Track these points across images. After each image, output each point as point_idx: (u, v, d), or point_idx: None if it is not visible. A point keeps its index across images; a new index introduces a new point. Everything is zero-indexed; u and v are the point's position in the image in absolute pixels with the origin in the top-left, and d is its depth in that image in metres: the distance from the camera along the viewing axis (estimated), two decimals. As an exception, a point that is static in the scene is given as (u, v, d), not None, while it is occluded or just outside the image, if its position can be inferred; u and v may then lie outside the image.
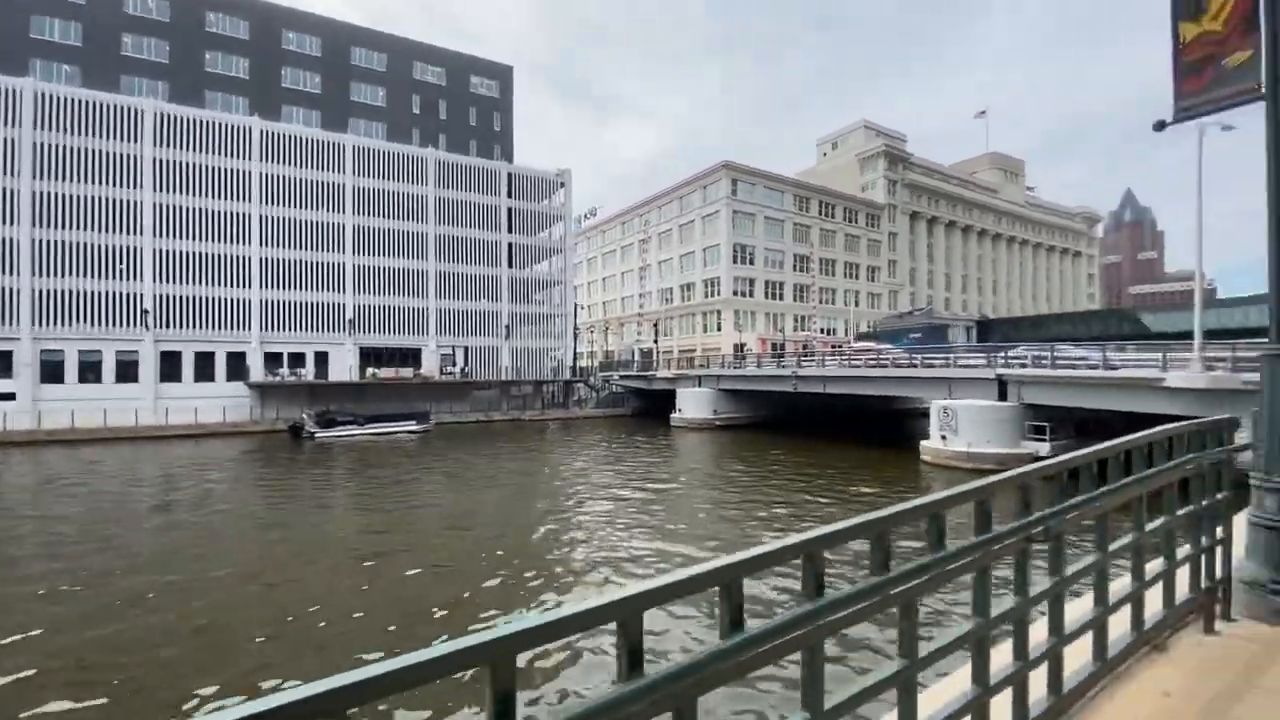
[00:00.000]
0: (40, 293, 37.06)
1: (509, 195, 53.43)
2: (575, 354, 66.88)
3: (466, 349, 50.34)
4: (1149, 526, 2.88)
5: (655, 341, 63.24)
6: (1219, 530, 3.30)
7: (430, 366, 48.00)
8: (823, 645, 1.50)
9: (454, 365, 48.92)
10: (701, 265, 73.76)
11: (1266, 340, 3.44)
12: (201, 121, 42.80)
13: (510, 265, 53.17)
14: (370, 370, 45.12)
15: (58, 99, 38.58)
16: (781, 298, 74.25)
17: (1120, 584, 2.84)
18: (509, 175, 53.71)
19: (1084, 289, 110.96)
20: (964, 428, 24.52)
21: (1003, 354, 27.16)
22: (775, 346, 64.24)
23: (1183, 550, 3.10)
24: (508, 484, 23.36)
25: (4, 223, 36.64)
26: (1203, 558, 3.19)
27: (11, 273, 36.31)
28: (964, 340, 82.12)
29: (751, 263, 72.11)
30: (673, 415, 44.01)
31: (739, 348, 65.79)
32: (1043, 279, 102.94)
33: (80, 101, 39.13)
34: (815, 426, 39.67)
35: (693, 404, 42.95)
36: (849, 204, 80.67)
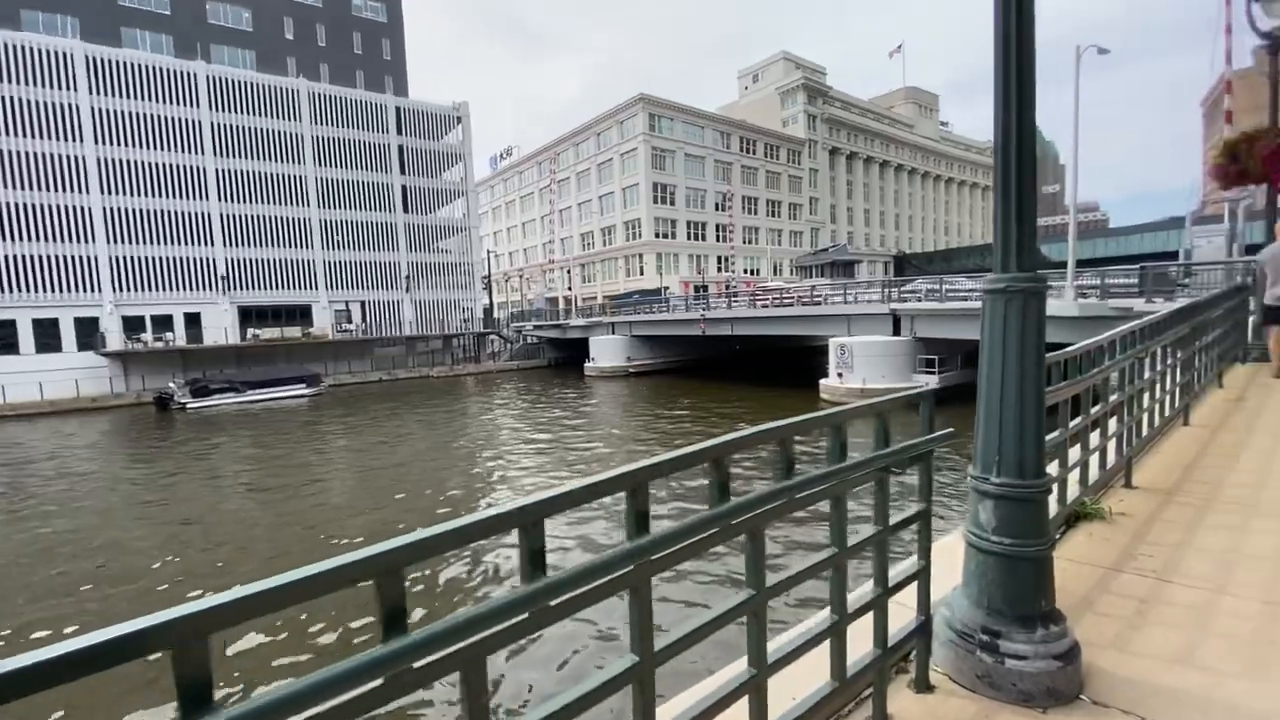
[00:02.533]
0: None
1: (399, 132, 48.67)
2: (493, 305, 63.94)
3: (363, 304, 46.70)
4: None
5: (569, 288, 61.05)
6: None
7: (323, 324, 44.35)
8: (649, 585, 1.39)
9: (350, 322, 45.38)
10: (622, 206, 71.33)
11: (1144, 266, 2.26)
12: (15, 47, 36.13)
13: (407, 210, 49.02)
14: (251, 331, 41.18)
15: None
16: (704, 238, 73.06)
17: None
18: (397, 110, 48.73)
19: (991, 222, 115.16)
20: (859, 364, 24.40)
21: (897, 289, 26.98)
22: (698, 289, 63.48)
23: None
24: (402, 445, 21.67)
25: None
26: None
27: None
28: (882, 275, 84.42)
29: (673, 203, 70.21)
30: (586, 365, 42.75)
31: (660, 291, 64.77)
32: (955, 213, 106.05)
33: None
34: (729, 369, 39.45)
35: (606, 352, 41.74)
36: (770, 139, 79.27)
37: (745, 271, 74.85)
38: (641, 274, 69.64)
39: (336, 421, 28.73)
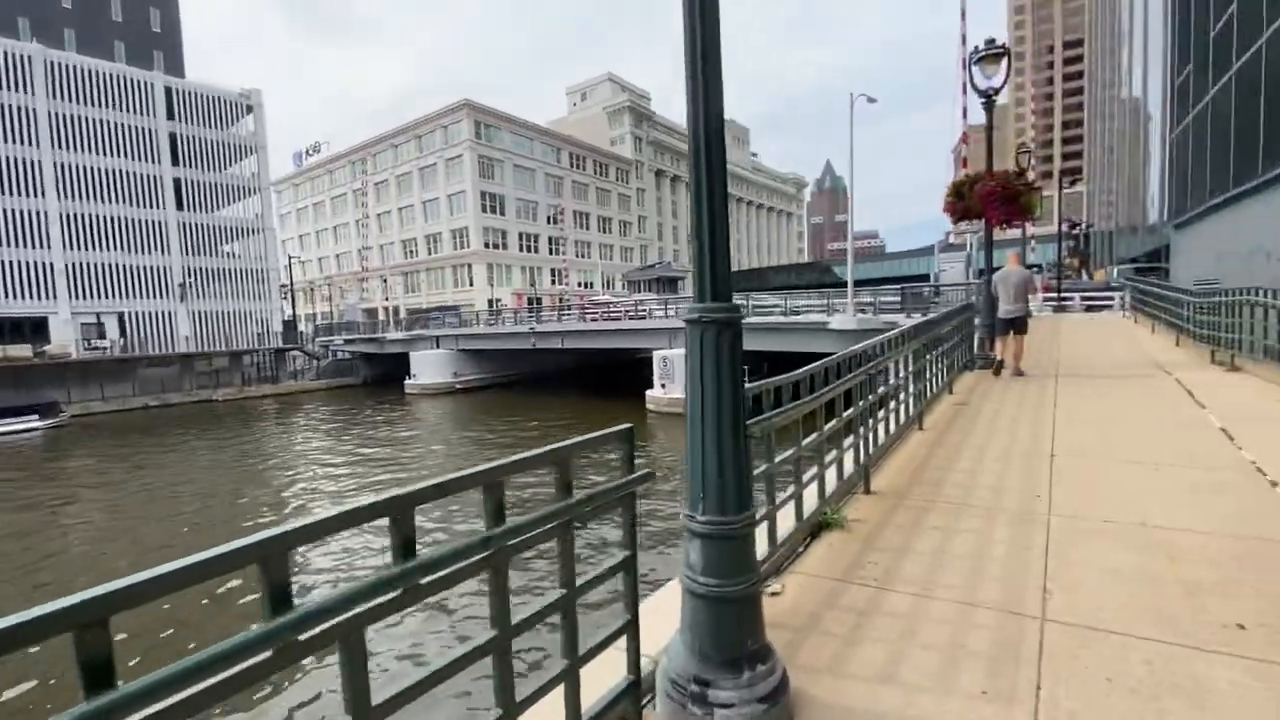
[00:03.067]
0: None
1: (170, 117, 41.45)
2: (297, 316, 57.01)
3: (121, 316, 38.82)
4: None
5: (386, 298, 56.83)
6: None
7: (65, 340, 36.04)
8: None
9: (103, 337, 37.43)
10: (448, 214, 68.15)
11: (903, 287, 2.13)
12: None
13: (181, 207, 41.81)
14: (-47, 350, 32.16)
15: None
16: (537, 250, 72.34)
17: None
18: (168, 90, 41.47)
19: (795, 244, 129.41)
20: (680, 375, 25.49)
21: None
22: (531, 301, 62.58)
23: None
24: (163, 490, 18.04)
25: None
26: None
27: None
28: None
29: (503, 213, 68.62)
30: (407, 382, 39.77)
31: (492, 303, 62.74)
32: (764, 234, 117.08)
33: None
34: (562, 382, 39.18)
35: (429, 367, 39.20)
36: (600, 157, 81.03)
37: (579, 285, 75.43)
38: (471, 285, 67.04)
39: (79, 461, 23.49)
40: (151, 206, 40.58)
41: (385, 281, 62.11)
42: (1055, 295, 22.72)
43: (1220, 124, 12.42)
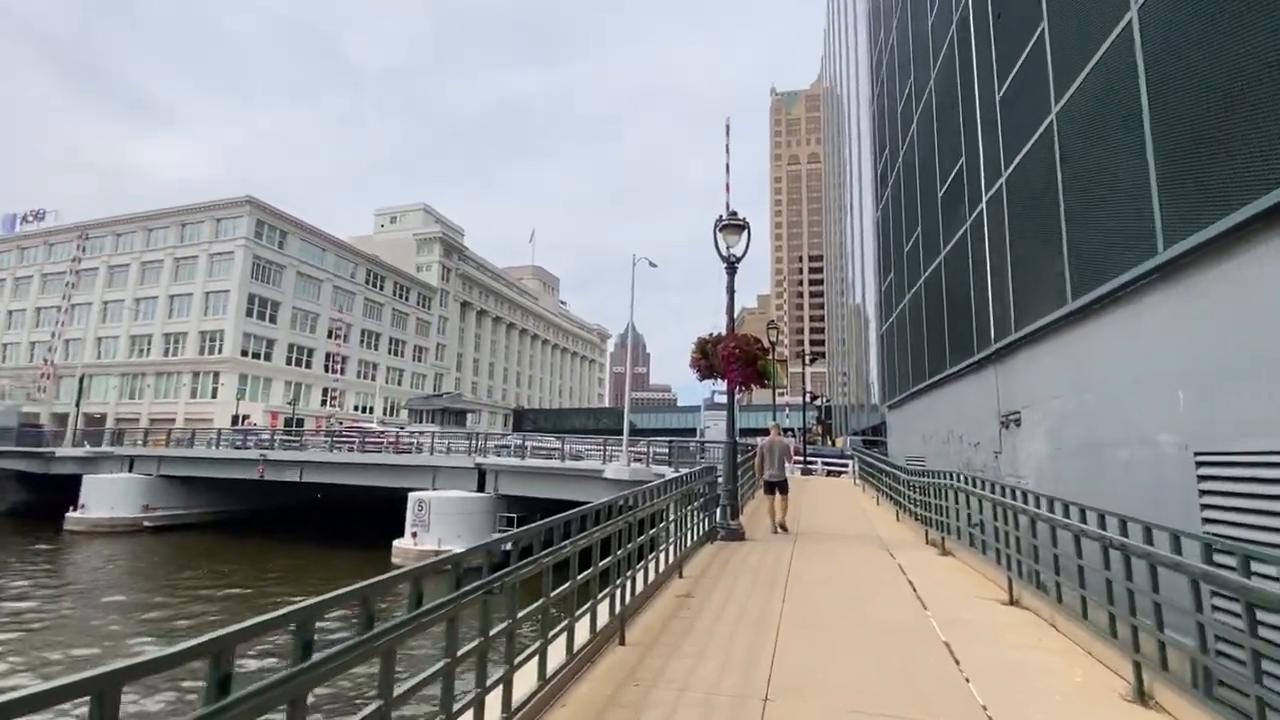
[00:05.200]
0: None
1: None
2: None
3: None
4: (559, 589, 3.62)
5: (77, 403, 44.98)
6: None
7: None
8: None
9: None
10: (201, 312, 58.63)
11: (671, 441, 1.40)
12: None
13: None
14: None
15: None
16: (310, 366, 64.39)
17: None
18: None
19: (596, 389, 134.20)
20: (435, 522, 22.16)
21: (489, 440, 26.47)
22: (290, 422, 53.79)
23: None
24: None
25: None
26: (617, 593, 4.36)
27: None
28: (500, 427, 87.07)
29: (274, 321, 60.85)
30: (69, 514, 29.80)
31: (236, 420, 52.71)
32: (568, 378, 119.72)
33: None
34: (298, 524, 32.33)
35: (107, 496, 29.90)
36: (402, 280, 78.03)
37: (356, 409, 67.80)
38: (214, 396, 56.57)
39: None
40: None
41: (82, 382, 49.44)
42: (802, 459, 24.78)
43: (915, 324, 14.63)
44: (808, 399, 34.96)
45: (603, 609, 4.17)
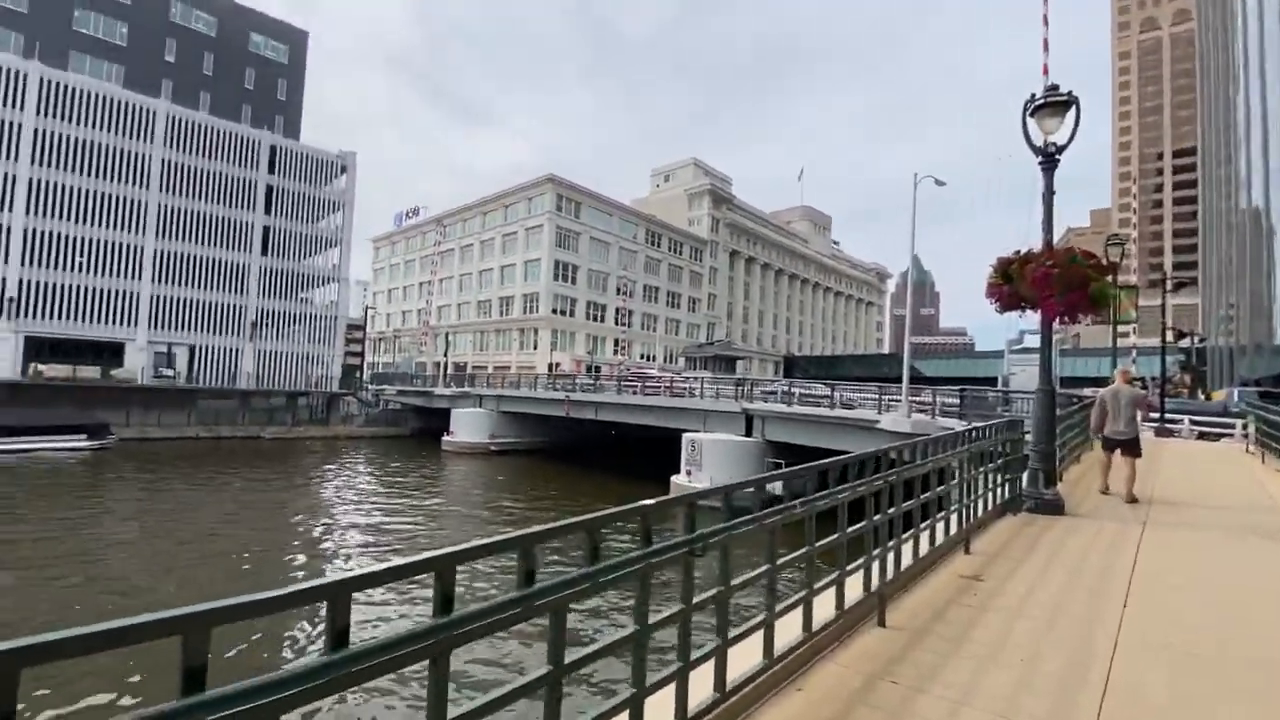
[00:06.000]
0: None
1: (271, 171, 45.25)
2: (367, 364, 58.90)
3: (192, 348, 41.10)
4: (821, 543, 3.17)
5: (444, 354, 57.72)
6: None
7: (135, 366, 38.27)
8: (448, 659, 1.51)
9: (171, 367, 39.51)
10: (522, 279, 70.31)
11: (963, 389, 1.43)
12: None
13: (266, 252, 44.81)
14: (35, 366, 34.65)
15: None
16: (603, 320, 72.81)
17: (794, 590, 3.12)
18: (273, 148, 45.55)
19: (874, 335, 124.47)
20: (707, 462, 23.11)
21: (757, 387, 26.36)
22: (590, 369, 62.06)
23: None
24: (187, 523, 17.99)
25: None
26: (874, 565, 3.65)
27: None
28: (771, 374, 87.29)
29: (574, 282, 69.99)
30: (445, 438, 39.20)
31: (551, 367, 62.79)
32: (841, 322, 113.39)
33: None
34: (596, 455, 37.31)
35: (468, 426, 38.54)
36: (676, 235, 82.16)
37: (641, 356, 74.80)
38: (535, 348, 67.81)
39: (109, 485, 23.94)
40: (238, 250, 43.68)
41: (448, 339, 63.65)
42: (1159, 416, 18.93)
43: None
44: (1170, 338, 26.52)
45: (855, 580, 3.56)
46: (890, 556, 3.92)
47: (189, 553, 15.39)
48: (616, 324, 73.61)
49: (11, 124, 36.05)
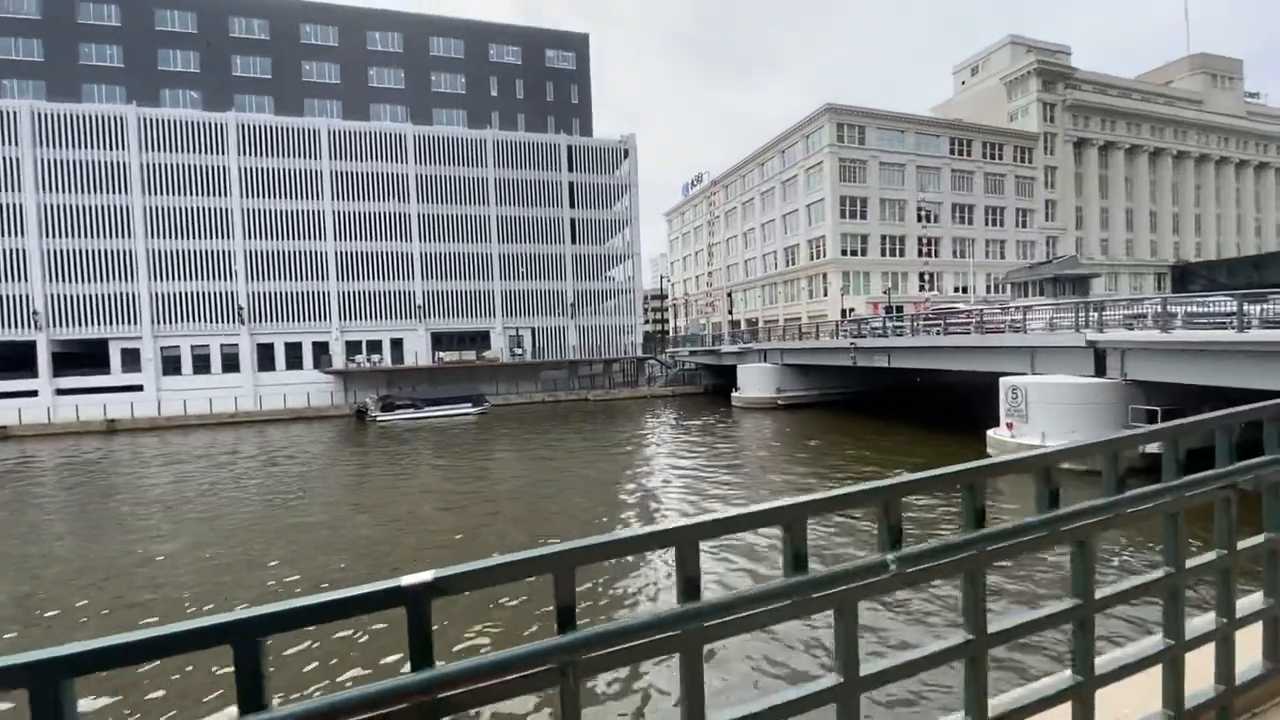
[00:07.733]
0: (156, 296, 42.64)
1: (569, 169, 51.76)
2: (672, 329, 63.97)
3: (533, 330, 50.10)
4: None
5: (731, 312, 58.47)
6: None
7: (498, 348, 48.47)
8: (984, 573, 1.52)
9: (520, 347, 48.97)
10: (806, 224, 67.00)
11: None
12: (279, 128, 46.08)
13: (574, 241, 51.77)
14: (439, 354, 46.52)
15: (189, 123, 43.49)
16: (902, 254, 65.08)
17: None
18: (569, 149, 51.92)
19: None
20: (1036, 414, 18.41)
21: (1101, 310, 19.71)
22: (889, 310, 56.45)
23: None
24: (554, 465, 23.25)
25: (124, 236, 42.38)
26: None
27: (132, 279, 42.08)
28: (1150, 290, 66.44)
29: (864, 216, 63.88)
30: (733, 394, 40.02)
31: (844, 314, 58.90)
32: (1265, 207, 79.92)
33: (183, 122, 43.88)
34: (894, 405, 33.63)
35: (753, 381, 38.58)
36: (990, 138, 68.20)
37: (955, 290, 64.84)
38: (825, 295, 64.31)
39: (500, 438, 31.01)
40: (557, 242, 51.34)
41: (731, 297, 64.58)
42: None
43: None
44: None
45: None
46: None
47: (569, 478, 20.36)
48: (920, 255, 64.84)
49: (402, 176, 48.52)
